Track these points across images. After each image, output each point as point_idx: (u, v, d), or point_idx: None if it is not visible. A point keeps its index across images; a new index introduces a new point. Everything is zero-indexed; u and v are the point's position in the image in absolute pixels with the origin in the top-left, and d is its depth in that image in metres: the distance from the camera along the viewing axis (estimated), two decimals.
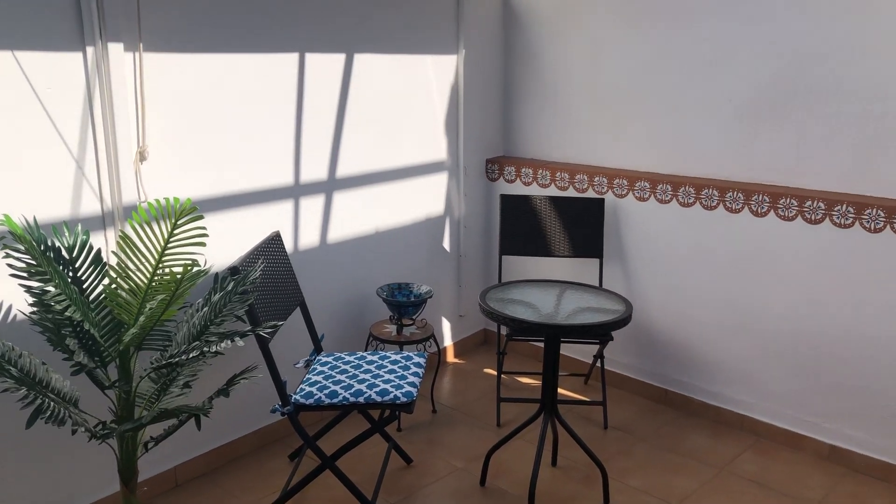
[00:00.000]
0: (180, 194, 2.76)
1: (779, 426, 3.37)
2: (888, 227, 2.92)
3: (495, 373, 3.90)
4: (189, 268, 2.04)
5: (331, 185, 3.37)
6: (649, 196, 3.58)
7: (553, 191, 3.91)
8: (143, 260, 2.20)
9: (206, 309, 2.29)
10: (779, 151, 3.21)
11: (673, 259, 3.56)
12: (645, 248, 3.65)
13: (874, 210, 2.95)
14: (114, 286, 2.18)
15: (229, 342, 2.08)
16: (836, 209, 3.04)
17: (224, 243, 2.94)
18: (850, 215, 3.01)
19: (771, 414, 3.39)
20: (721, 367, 3.50)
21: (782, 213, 3.18)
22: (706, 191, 3.39)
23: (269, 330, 2.40)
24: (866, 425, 3.12)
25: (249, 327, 2.40)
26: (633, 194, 3.64)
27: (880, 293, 2.99)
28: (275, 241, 2.97)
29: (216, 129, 2.89)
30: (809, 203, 3.10)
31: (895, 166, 2.93)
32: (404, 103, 3.64)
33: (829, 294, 3.12)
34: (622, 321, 2.69)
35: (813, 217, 3.10)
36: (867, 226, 2.97)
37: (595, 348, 3.76)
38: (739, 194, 3.29)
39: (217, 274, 2.47)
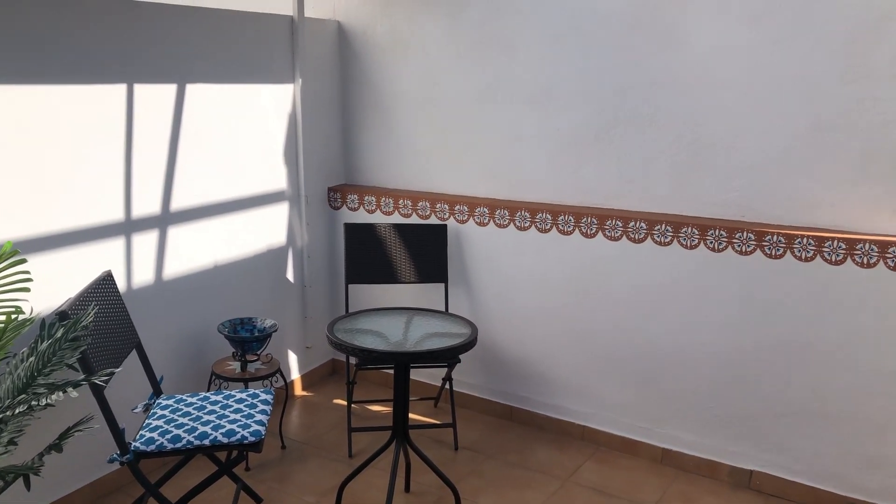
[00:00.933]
0: (1, 235, 2.57)
1: (616, 434, 3.57)
2: (702, 243, 3.19)
3: (345, 403, 3.88)
4: (13, 316, 1.89)
5: (165, 220, 3.24)
6: (489, 221, 3.71)
7: (397, 218, 3.96)
8: None
9: (32, 359, 2.12)
10: (604, 176, 3.43)
11: (513, 280, 3.70)
12: (487, 271, 3.77)
13: (689, 228, 3.21)
14: None
15: (61, 393, 1.94)
16: (656, 228, 3.29)
17: (50, 286, 2.74)
18: (668, 234, 3.26)
19: (609, 423, 3.59)
20: (561, 381, 3.67)
21: (609, 234, 3.40)
22: (540, 215, 3.56)
23: (105, 377, 2.27)
24: (693, 428, 3.38)
25: (82, 375, 2.25)
26: (474, 220, 3.75)
27: (700, 305, 3.26)
28: (106, 280, 2.81)
29: (37, 164, 2.71)
30: (633, 224, 3.34)
31: (706, 188, 3.21)
32: (241, 134, 3.57)
33: (654, 308, 3.36)
34: (468, 344, 2.77)
35: (636, 237, 3.34)
36: (684, 243, 3.23)
37: (443, 371, 3.83)
38: (570, 217, 3.48)
39: (44, 320, 2.30)
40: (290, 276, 3.99)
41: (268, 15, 3.66)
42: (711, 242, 3.17)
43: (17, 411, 1.89)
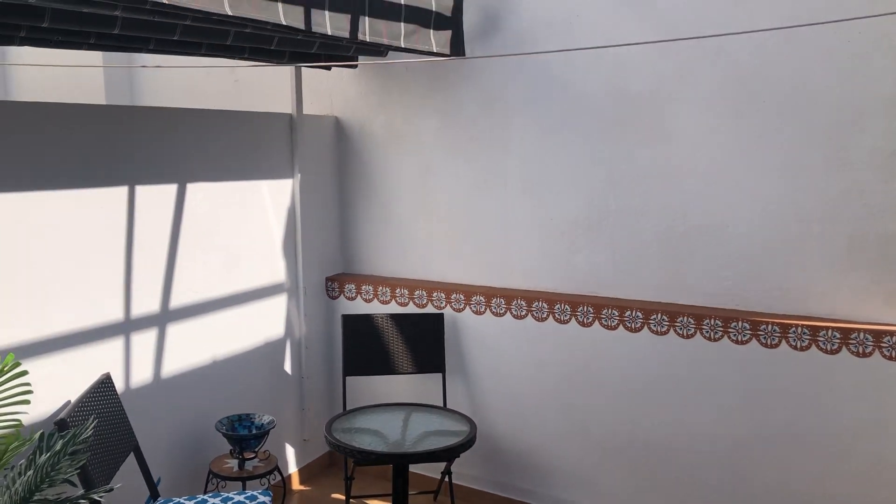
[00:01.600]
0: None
1: None
2: (698, 333, 3.22)
3: (344, 497, 3.83)
4: (14, 429, 1.90)
5: (164, 318, 3.26)
6: (485, 310, 3.74)
7: (394, 307, 3.99)
8: None
9: (30, 473, 2.12)
10: (598, 265, 3.48)
11: (510, 370, 3.70)
12: (484, 360, 3.78)
13: (685, 318, 3.24)
14: None
15: None
16: (652, 318, 3.31)
17: (48, 389, 2.74)
18: (664, 323, 3.29)
19: None
20: (562, 472, 3.64)
21: (605, 323, 3.43)
22: (536, 303, 3.59)
23: (105, 492, 2.26)
24: None
25: (79, 486, 2.24)
26: (470, 308, 3.78)
27: (698, 394, 3.26)
28: (105, 384, 2.82)
29: (39, 268, 2.74)
30: (629, 313, 3.37)
31: (700, 277, 3.26)
32: (241, 228, 3.63)
33: (653, 397, 3.36)
34: (467, 443, 2.76)
35: (633, 326, 3.36)
36: (680, 332, 3.26)
37: (443, 464, 3.80)
38: (566, 306, 3.52)
39: (43, 432, 2.30)
40: (287, 367, 3.99)
41: (267, 114, 3.77)
42: (707, 332, 3.20)
43: None
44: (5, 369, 2.02)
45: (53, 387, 2.77)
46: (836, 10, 2.84)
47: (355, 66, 3.94)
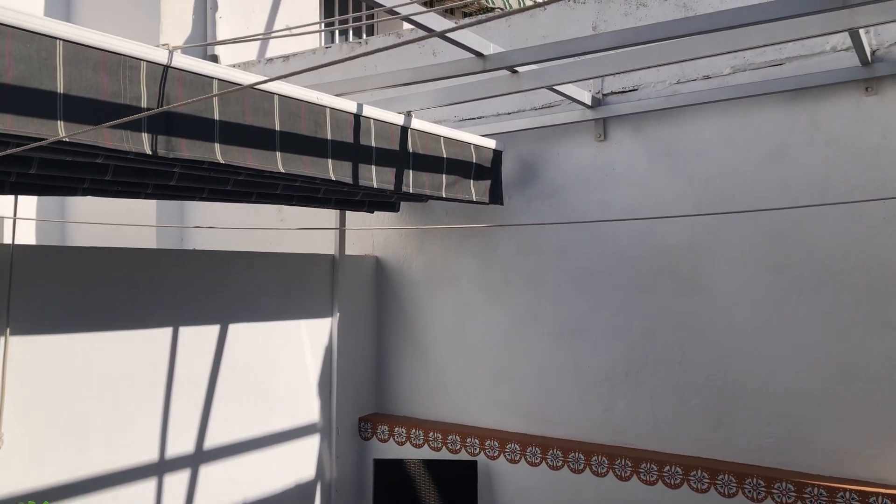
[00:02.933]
0: (36, 481, 2.60)
1: None
2: (740, 492, 3.11)
3: None
4: None
5: (198, 458, 3.25)
6: (520, 458, 3.66)
7: (426, 451, 3.93)
8: None
9: None
10: (636, 416, 3.42)
11: None
12: None
13: (726, 475, 3.14)
14: None
15: None
16: (692, 474, 3.22)
17: None
18: (705, 480, 3.19)
19: None
20: None
21: (644, 478, 3.33)
22: (573, 454, 3.51)
23: None
24: None
25: None
26: (505, 456, 3.71)
27: None
28: None
29: (79, 408, 2.79)
30: (668, 468, 3.27)
31: (741, 433, 3.18)
32: (278, 368, 3.66)
33: None
34: None
35: (672, 482, 3.26)
36: (722, 491, 3.15)
37: None
38: (604, 458, 3.43)
39: None
40: None
41: (311, 255, 3.88)
42: (749, 492, 3.09)
43: None
44: None
45: None
46: (867, 172, 2.91)
47: (397, 211, 4.07)
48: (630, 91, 3.47)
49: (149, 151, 2.02)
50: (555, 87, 3.13)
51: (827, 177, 3.03)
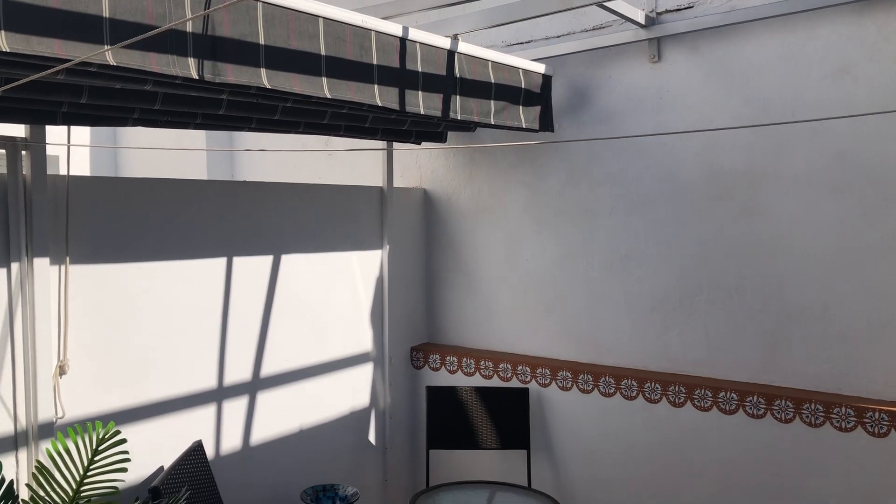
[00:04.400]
0: (99, 407, 2.69)
1: None
2: (797, 417, 3.07)
3: None
4: (111, 496, 1.96)
5: (255, 386, 3.33)
6: (572, 385, 3.67)
7: (478, 379, 3.96)
8: (60, 491, 2.10)
9: None
10: (691, 343, 3.38)
11: (598, 450, 3.60)
12: (571, 438, 3.69)
13: (783, 401, 3.10)
14: None
15: None
16: (748, 400, 3.18)
17: (143, 456, 2.82)
18: (761, 406, 3.15)
19: None
20: None
21: (698, 404, 3.31)
22: (625, 381, 3.50)
23: None
24: None
25: None
26: (556, 384, 3.72)
27: (796, 482, 3.09)
28: (196, 451, 2.89)
29: (139, 337, 2.86)
30: (723, 394, 3.24)
31: (799, 358, 3.12)
32: (331, 299, 3.70)
33: (748, 484, 3.20)
34: None
35: (727, 407, 3.23)
36: (778, 416, 3.11)
37: None
38: (657, 385, 3.41)
39: (137, 498, 2.36)
40: (371, 438, 3.99)
41: (359, 187, 3.87)
42: (808, 417, 3.05)
43: None
44: (106, 437, 2.10)
45: (148, 453, 2.85)
46: None
47: (444, 141, 4.02)
48: (685, 8, 3.33)
49: (195, 76, 2.01)
50: (606, 5, 3.02)
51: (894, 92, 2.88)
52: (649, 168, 3.45)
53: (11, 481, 2.15)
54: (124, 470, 2.13)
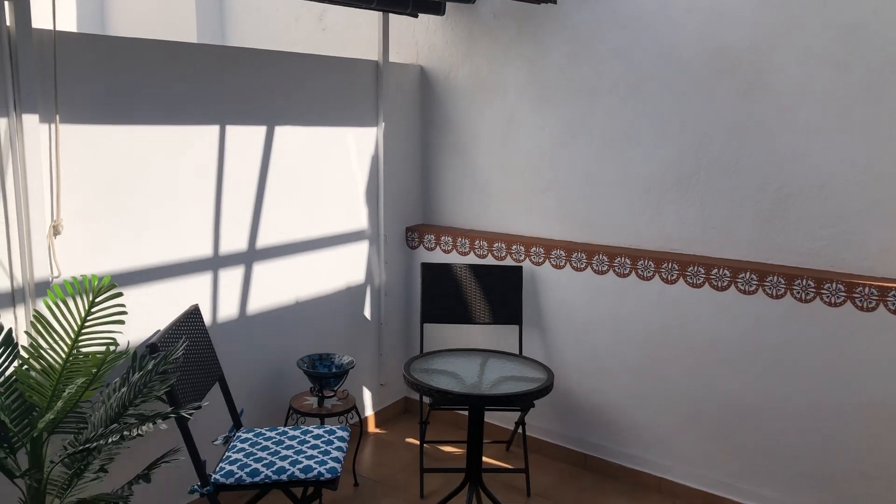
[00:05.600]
0: (95, 269, 2.69)
1: (695, 487, 3.46)
2: (788, 293, 3.10)
3: (418, 442, 3.88)
4: (110, 348, 1.98)
5: (251, 256, 3.34)
6: (565, 264, 3.69)
7: (472, 259, 3.98)
8: (59, 339, 2.12)
9: (124, 389, 2.21)
10: (686, 222, 3.38)
11: (589, 326, 3.66)
12: (562, 314, 3.74)
13: (776, 277, 3.13)
14: (25, 367, 2.09)
15: (151, 425, 2.01)
16: (740, 276, 3.21)
17: (140, 317, 2.85)
18: (753, 282, 3.18)
19: (687, 476, 3.49)
20: (637, 430, 3.59)
21: (691, 281, 3.34)
22: (619, 259, 3.52)
23: (192, 410, 2.34)
24: (777, 485, 3.24)
25: (169, 407, 2.32)
26: (550, 262, 3.74)
27: (784, 357, 3.15)
28: (193, 314, 2.91)
29: (133, 201, 2.84)
30: (716, 270, 3.27)
31: (793, 236, 3.13)
32: (325, 174, 3.67)
33: (736, 358, 3.27)
34: (544, 389, 2.74)
35: (720, 284, 3.26)
36: (769, 292, 3.15)
37: (517, 415, 3.80)
38: (650, 262, 3.44)
39: (136, 352, 2.40)
40: (367, 313, 4.04)
41: (355, 60, 3.78)
42: (798, 292, 3.08)
43: (109, 440, 1.96)
44: (102, 290, 2.10)
45: (144, 315, 2.88)
46: None
47: (442, 14, 3.89)
48: None
49: None
50: None
51: None
52: (653, 44, 3.36)
53: (10, 329, 2.17)
54: (121, 322, 2.14)
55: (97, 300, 2.12)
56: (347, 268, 3.88)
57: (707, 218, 3.34)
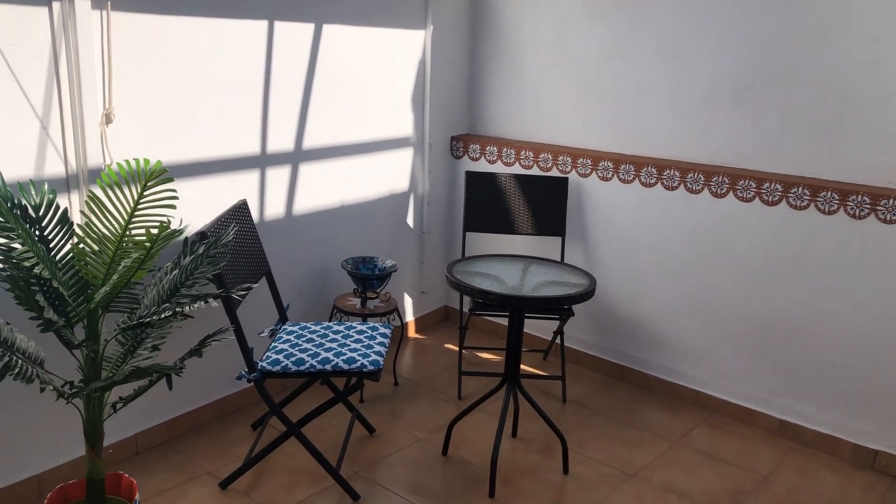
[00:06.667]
0: (146, 158, 2.72)
1: (731, 402, 3.47)
2: (842, 209, 3.03)
3: (456, 348, 3.95)
4: (164, 226, 2.02)
5: (297, 157, 3.35)
6: (612, 176, 3.64)
7: (517, 169, 3.95)
8: (112, 221, 2.17)
9: (175, 272, 2.27)
10: (739, 135, 3.30)
11: (633, 238, 3.63)
12: (606, 227, 3.71)
13: (829, 193, 3.05)
14: (81, 246, 2.14)
15: (202, 303, 2.07)
16: (792, 191, 3.14)
17: (190, 210, 2.90)
18: (805, 197, 3.11)
19: (724, 390, 3.50)
20: (676, 344, 3.60)
21: (741, 195, 3.27)
22: (668, 171, 3.46)
23: (242, 293, 2.39)
24: (815, 401, 3.24)
25: (218, 292, 2.38)
26: (597, 174, 3.69)
27: (832, 274, 3.10)
28: (241, 209, 2.95)
29: (183, 93, 2.85)
30: (767, 185, 3.20)
31: (849, 151, 3.03)
32: (372, 77, 3.63)
33: (783, 274, 3.22)
34: (586, 294, 2.74)
35: (770, 199, 3.20)
36: (822, 208, 3.08)
37: (555, 324, 3.83)
38: (700, 175, 3.37)
39: (186, 238, 2.44)
40: (409, 220, 4.06)
41: None
42: (852, 209, 3.01)
43: (163, 316, 2.02)
44: (154, 174, 2.13)
45: (193, 208, 2.93)
46: None
47: None
48: None
49: None
50: None
51: None
52: None
53: (66, 208, 2.23)
54: (173, 207, 2.18)
55: (149, 183, 2.15)
56: (391, 174, 3.88)
57: (761, 131, 3.24)
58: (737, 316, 3.39)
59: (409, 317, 4.21)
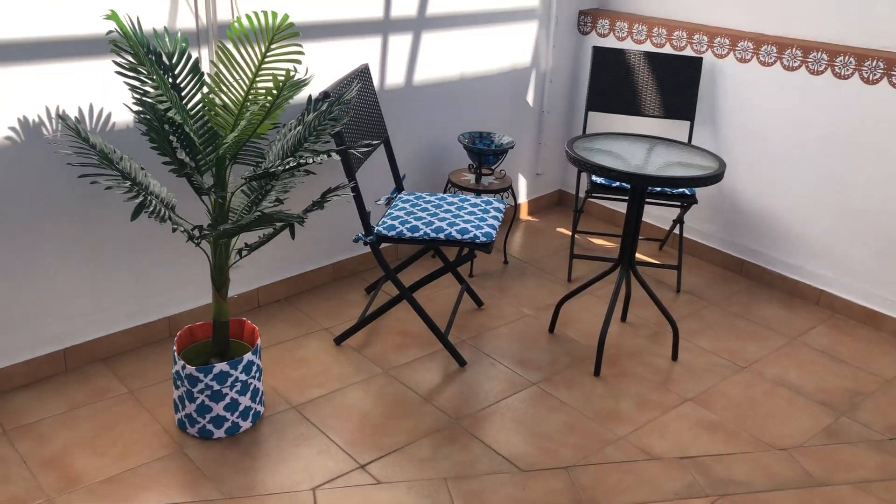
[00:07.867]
0: (273, 11, 2.72)
1: (857, 303, 3.30)
2: None
3: (569, 232, 3.89)
4: (290, 75, 2.03)
5: (420, 24, 3.28)
6: (751, 58, 3.40)
7: (648, 47, 3.74)
8: (240, 72, 2.19)
9: (299, 128, 2.29)
10: None
11: (769, 125, 3.41)
12: (740, 112, 3.49)
13: None
14: (211, 95, 2.19)
15: (326, 156, 2.09)
16: None
17: (313, 70, 2.91)
18: None
19: (850, 290, 3.32)
20: (803, 239, 3.41)
21: None
22: (814, 54, 3.19)
23: (363, 149, 2.40)
24: None
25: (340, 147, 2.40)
26: (734, 55, 3.45)
27: None
28: (363, 73, 2.93)
29: None
30: None
31: None
32: None
33: None
34: (715, 177, 2.61)
35: None
36: None
37: (674, 213, 3.70)
38: (851, 59, 3.09)
39: (310, 96, 2.46)
40: (529, 98, 3.95)
41: None
42: None
43: (287, 167, 2.06)
44: (281, 27, 2.13)
45: (317, 69, 2.93)
46: None
47: None
48: None
49: None
50: None
51: None
52: None
53: (198, 58, 2.26)
54: (298, 62, 2.18)
55: (276, 37, 2.15)
56: (514, 48, 3.75)
57: None
58: (875, 213, 3.16)
59: (523, 198, 4.16)
